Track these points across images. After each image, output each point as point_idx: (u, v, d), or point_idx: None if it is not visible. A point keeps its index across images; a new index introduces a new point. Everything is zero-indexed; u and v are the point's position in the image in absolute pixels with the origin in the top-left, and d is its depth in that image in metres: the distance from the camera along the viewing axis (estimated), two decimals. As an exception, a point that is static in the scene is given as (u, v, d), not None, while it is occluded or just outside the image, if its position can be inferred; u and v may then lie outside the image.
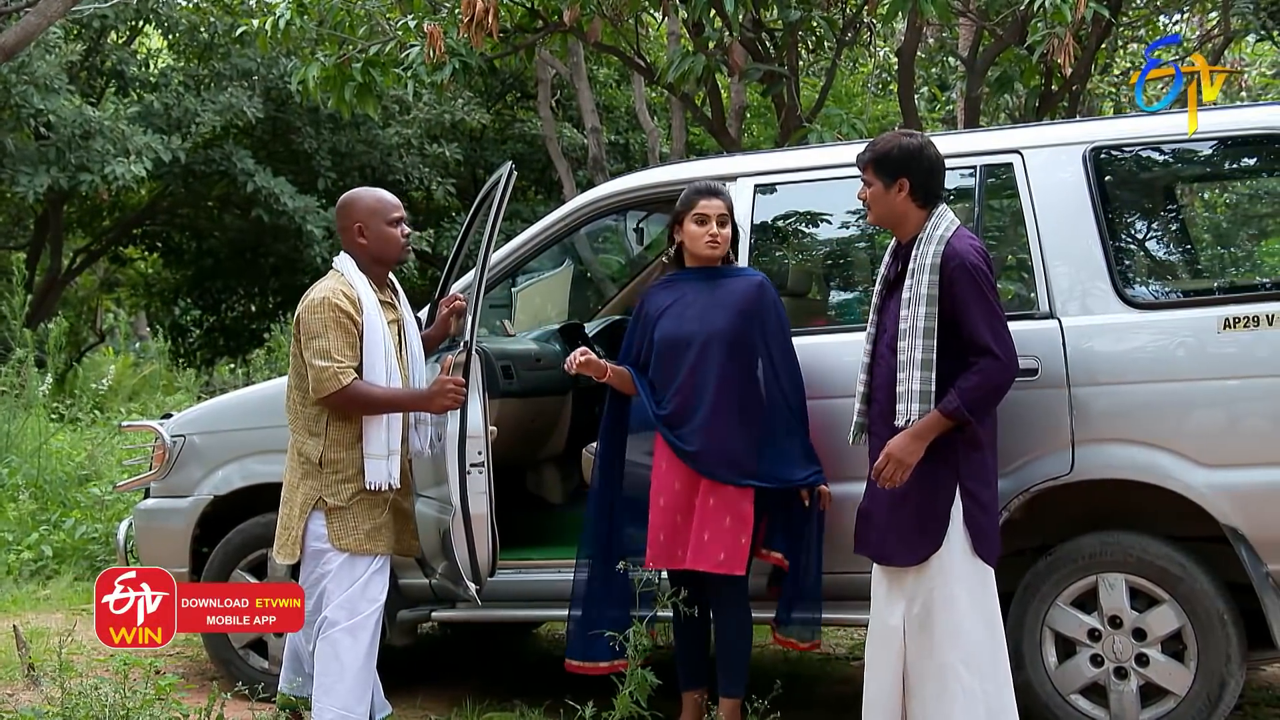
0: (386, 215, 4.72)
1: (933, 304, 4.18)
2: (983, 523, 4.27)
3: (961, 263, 4.19)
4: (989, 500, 4.32)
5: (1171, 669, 4.55)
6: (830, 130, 8.18)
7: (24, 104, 14.22)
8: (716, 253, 4.86)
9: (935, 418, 4.18)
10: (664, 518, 4.78)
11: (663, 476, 4.82)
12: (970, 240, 4.30)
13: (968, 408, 4.16)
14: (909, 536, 4.29)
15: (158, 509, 5.97)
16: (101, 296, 24.18)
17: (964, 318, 4.18)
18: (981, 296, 4.19)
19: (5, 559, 8.66)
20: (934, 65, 13.13)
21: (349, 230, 4.72)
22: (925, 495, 4.26)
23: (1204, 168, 5.43)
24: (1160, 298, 4.93)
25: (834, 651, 6.59)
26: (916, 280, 4.22)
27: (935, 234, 4.27)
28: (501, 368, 5.77)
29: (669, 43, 12.41)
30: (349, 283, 4.61)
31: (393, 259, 4.77)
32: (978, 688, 4.22)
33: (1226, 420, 4.53)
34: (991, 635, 4.29)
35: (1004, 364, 4.19)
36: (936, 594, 4.25)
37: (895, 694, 4.34)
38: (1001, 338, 4.20)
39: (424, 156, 17.60)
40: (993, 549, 4.30)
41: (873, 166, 4.38)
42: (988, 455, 4.34)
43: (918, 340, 4.19)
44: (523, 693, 5.59)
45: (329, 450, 4.57)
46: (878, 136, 4.54)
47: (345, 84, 8.94)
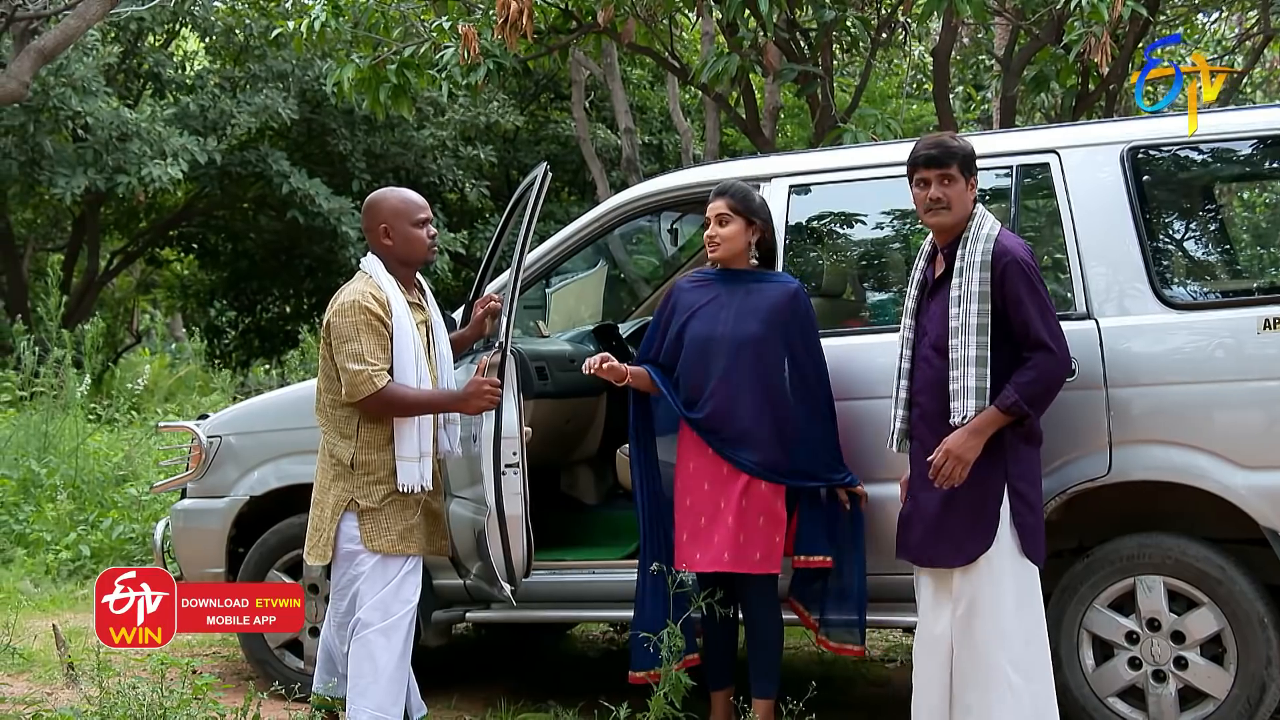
0: (412, 216, 4.71)
1: (985, 301, 4.19)
2: (1030, 522, 4.26)
3: (1014, 259, 4.20)
4: (1036, 500, 4.31)
5: (1211, 672, 4.51)
6: (865, 130, 8.16)
7: (62, 106, 14.31)
8: (715, 254, 4.86)
9: (993, 414, 4.19)
10: (688, 518, 4.78)
11: (690, 477, 4.81)
12: (1016, 238, 4.32)
13: (1026, 402, 4.17)
14: (957, 537, 4.27)
15: (194, 509, 6.00)
16: (138, 298, 24.36)
17: (1017, 313, 4.19)
18: (1035, 292, 4.20)
19: (44, 559, 8.74)
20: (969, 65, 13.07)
21: (375, 231, 4.72)
22: (975, 495, 4.25)
23: (1243, 167, 5.38)
24: (1199, 298, 4.90)
25: (869, 653, 6.52)
26: (966, 279, 4.22)
27: (982, 232, 4.27)
28: (536, 369, 5.77)
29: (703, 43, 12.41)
30: (377, 285, 4.61)
31: (419, 260, 4.76)
32: (1024, 688, 4.21)
33: (1266, 421, 4.48)
34: (1037, 636, 4.28)
35: (1060, 359, 4.21)
36: (984, 594, 4.23)
37: (944, 701, 4.33)
38: (1056, 333, 4.21)
39: (458, 158, 17.63)
40: (1039, 549, 4.29)
41: (960, 164, 4.34)
42: (1036, 455, 4.32)
43: (970, 337, 4.19)
44: (557, 693, 5.58)
45: (360, 452, 4.58)
46: (930, 137, 4.50)
47: (380, 85, 8.98)
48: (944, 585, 4.32)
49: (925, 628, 4.40)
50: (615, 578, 5.18)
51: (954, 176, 4.34)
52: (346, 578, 4.63)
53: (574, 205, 18.18)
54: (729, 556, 4.66)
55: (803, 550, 4.82)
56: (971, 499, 4.25)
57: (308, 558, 4.70)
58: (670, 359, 4.90)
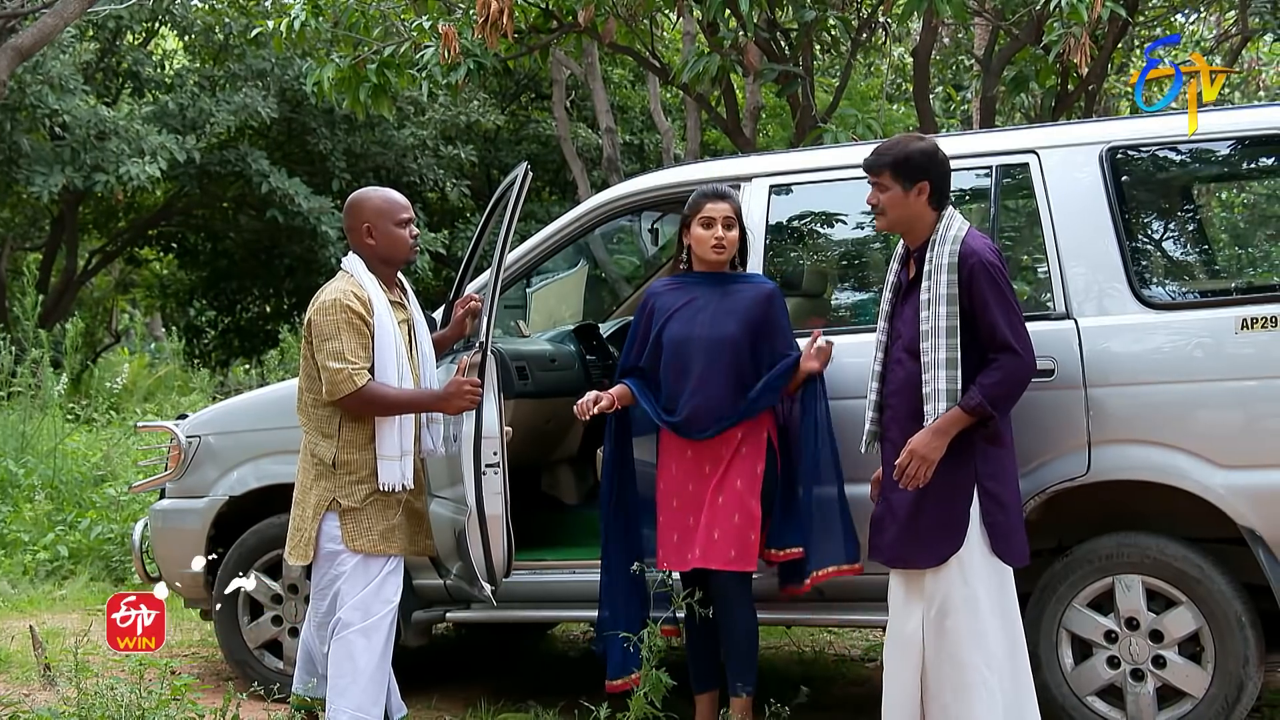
0: (394, 216, 4.71)
1: (953, 303, 4.20)
2: (1002, 521, 4.26)
3: (979, 260, 4.20)
4: (1010, 499, 4.30)
5: (1189, 671, 4.52)
6: (845, 130, 8.16)
7: (39, 104, 14.24)
8: (722, 257, 4.86)
9: (957, 414, 4.19)
10: (677, 519, 4.80)
11: (673, 479, 4.83)
12: (984, 239, 4.31)
13: (990, 403, 4.17)
14: (928, 538, 4.27)
15: (173, 510, 5.97)
16: (117, 297, 24.25)
17: (983, 315, 4.19)
18: (1000, 294, 4.20)
19: (21, 559, 8.69)
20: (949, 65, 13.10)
21: (357, 231, 4.71)
22: (944, 496, 4.25)
23: (1221, 168, 5.40)
24: (1177, 298, 4.90)
25: (849, 653, 6.58)
26: (934, 281, 4.23)
27: (949, 235, 4.27)
28: (516, 368, 5.77)
29: (684, 43, 12.44)
30: (359, 283, 4.60)
31: (401, 259, 4.76)
32: (998, 687, 4.21)
33: (1244, 421, 4.49)
34: (1011, 636, 4.28)
35: (1024, 360, 4.21)
36: (955, 595, 4.23)
37: (914, 700, 4.33)
38: (1021, 334, 4.22)
39: (439, 158, 17.61)
40: (1015, 549, 4.29)
41: (892, 170, 4.36)
42: (1006, 455, 4.32)
43: (941, 340, 4.20)
44: (538, 694, 5.57)
45: (342, 451, 4.57)
46: (884, 141, 4.52)
47: (360, 85, 8.95)
48: (915, 586, 4.32)
49: (896, 627, 4.40)
50: (596, 578, 5.16)
51: (885, 184, 4.37)
52: (327, 578, 4.62)
53: (555, 205, 18.19)
54: (702, 554, 4.68)
55: (773, 545, 4.81)
56: (941, 500, 4.25)
57: (289, 558, 4.69)
58: (651, 362, 4.92)
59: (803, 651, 6.51)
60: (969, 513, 4.24)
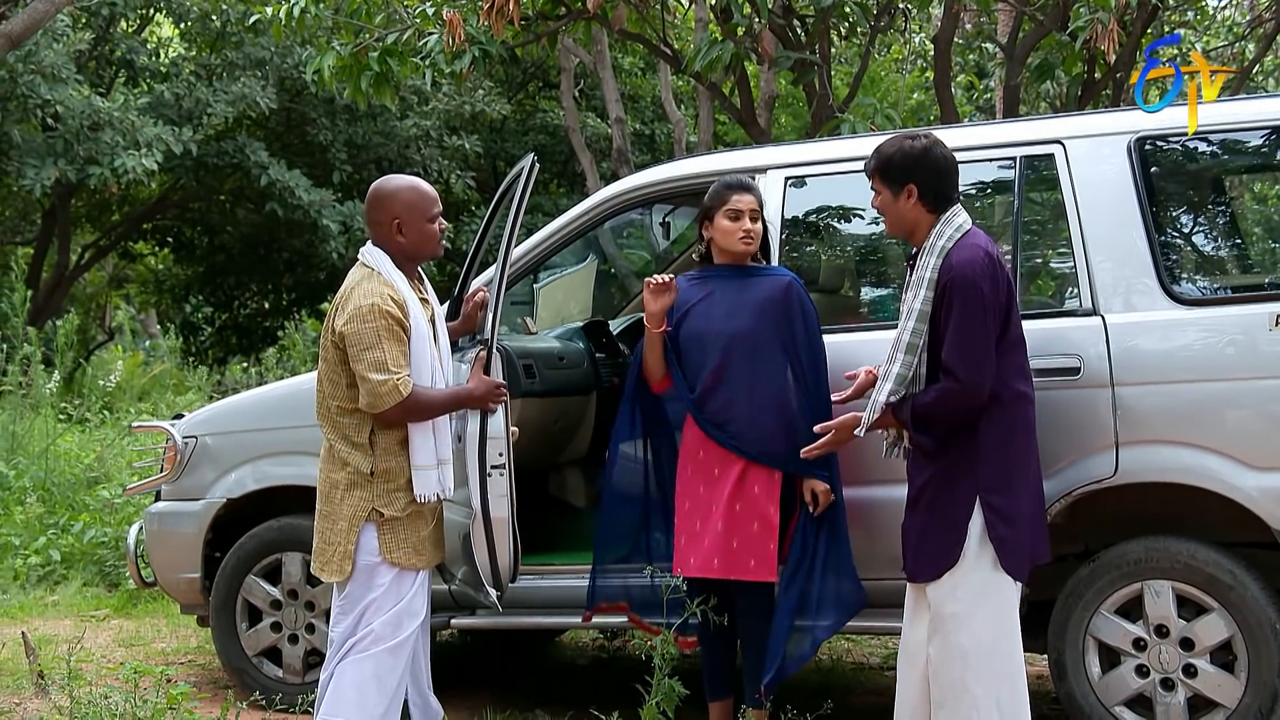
0: (428, 211, 4.49)
1: (923, 320, 4.12)
2: (1006, 535, 4.13)
3: (956, 277, 4.07)
4: (1015, 512, 4.16)
5: (1220, 680, 4.45)
6: (863, 120, 8.08)
7: (31, 94, 14.15)
8: (750, 248, 4.80)
9: (889, 416, 4.22)
10: (685, 522, 4.76)
11: (688, 481, 4.79)
12: (976, 249, 4.13)
13: (915, 419, 4.14)
14: (929, 552, 4.21)
15: (169, 512, 5.89)
16: (110, 293, 24.20)
17: (945, 334, 4.10)
18: (965, 315, 4.06)
19: (12, 564, 8.59)
20: (972, 52, 12.98)
21: (385, 225, 4.47)
22: (944, 510, 4.18)
23: (1254, 159, 5.31)
24: (1209, 294, 4.84)
25: (868, 661, 6.55)
26: (914, 294, 4.16)
27: (937, 244, 4.15)
28: (523, 366, 5.70)
29: (696, 30, 12.38)
30: (389, 282, 4.37)
31: (429, 256, 4.58)
32: (995, 709, 4.12)
33: (1278, 421, 4.41)
34: (1009, 654, 4.17)
35: (963, 389, 4.07)
36: (948, 610, 4.15)
37: (920, 708, 4.28)
38: (971, 362, 4.06)
39: (443, 148, 17.54)
40: (1021, 563, 4.18)
41: (878, 175, 4.27)
42: (1016, 463, 4.19)
43: (899, 354, 4.16)
44: (545, 702, 5.54)
45: (381, 460, 4.35)
46: (882, 141, 4.41)
47: (361, 73, 8.88)
48: (923, 596, 4.28)
49: (906, 635, 4.37)
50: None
51: (877, 188, 4.30)
52: (361, 592, 4.36)
53: (563, 197, 18.16)
54: (719, 563, 4.61)
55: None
56: (940, 514, 4.18)
57: (322, 574, 4.42)
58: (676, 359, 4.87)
59: (820, 659, 6.43)
60: (967, 528, 4.13)
